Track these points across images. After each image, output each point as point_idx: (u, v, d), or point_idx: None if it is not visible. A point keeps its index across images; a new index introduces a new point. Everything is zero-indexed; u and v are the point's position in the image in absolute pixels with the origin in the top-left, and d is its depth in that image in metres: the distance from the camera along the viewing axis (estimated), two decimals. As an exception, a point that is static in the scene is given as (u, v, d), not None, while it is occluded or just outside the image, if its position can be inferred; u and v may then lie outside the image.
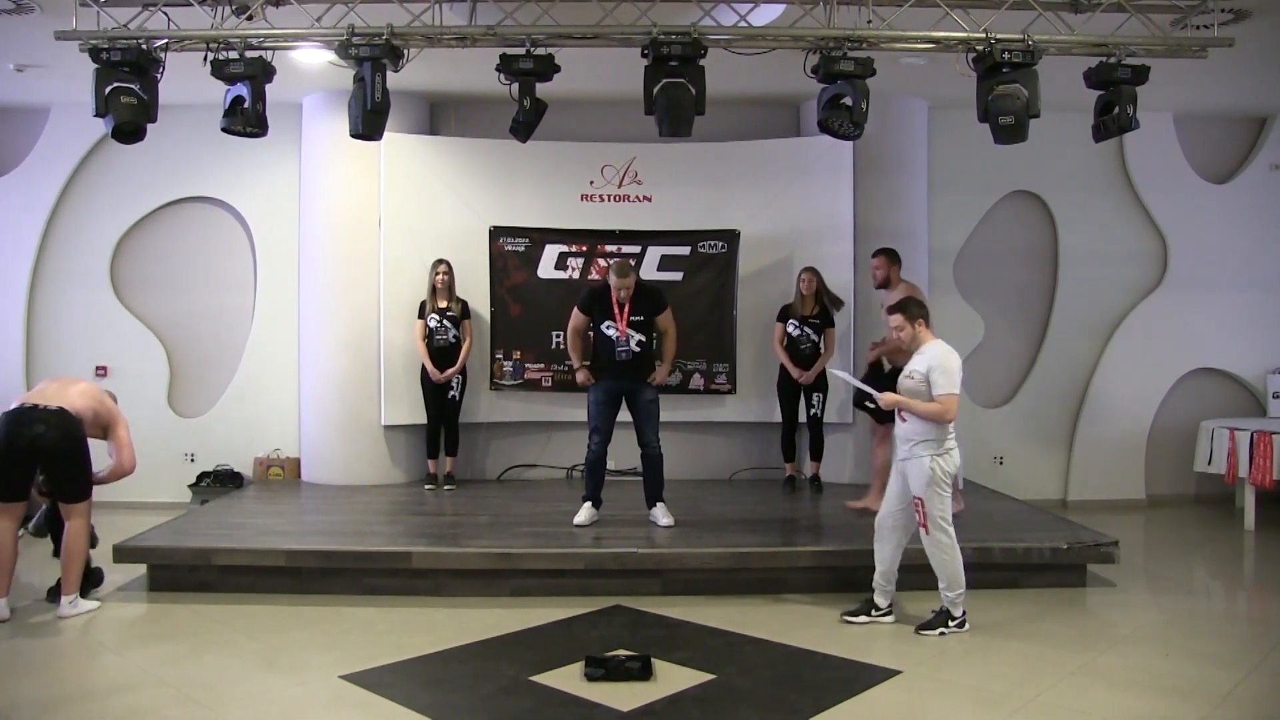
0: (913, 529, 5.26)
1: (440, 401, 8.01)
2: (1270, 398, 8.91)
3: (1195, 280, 8.96)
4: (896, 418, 5.29)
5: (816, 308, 7.90)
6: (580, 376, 6.72)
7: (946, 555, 5.13)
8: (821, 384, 7.96)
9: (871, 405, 5.98)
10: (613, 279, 6.60)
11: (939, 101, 8.43)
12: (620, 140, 8.37)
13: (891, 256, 7.25)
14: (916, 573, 5.37)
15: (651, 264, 8.29)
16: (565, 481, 8.50)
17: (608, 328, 6.58)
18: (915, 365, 5.20)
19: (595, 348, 6.68)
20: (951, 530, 5.15)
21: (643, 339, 6.59)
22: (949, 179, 8.75)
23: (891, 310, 5.39)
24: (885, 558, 5.34)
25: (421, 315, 7.98)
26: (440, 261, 7.95)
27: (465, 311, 8.02)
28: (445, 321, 7.92)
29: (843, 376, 6.03)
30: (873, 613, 5.36)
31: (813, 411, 7.97)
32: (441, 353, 7.92)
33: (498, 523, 6.81)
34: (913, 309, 5.32)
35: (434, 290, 7.95)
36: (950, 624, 5.16)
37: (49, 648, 5.17)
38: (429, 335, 7.93)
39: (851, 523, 6.99)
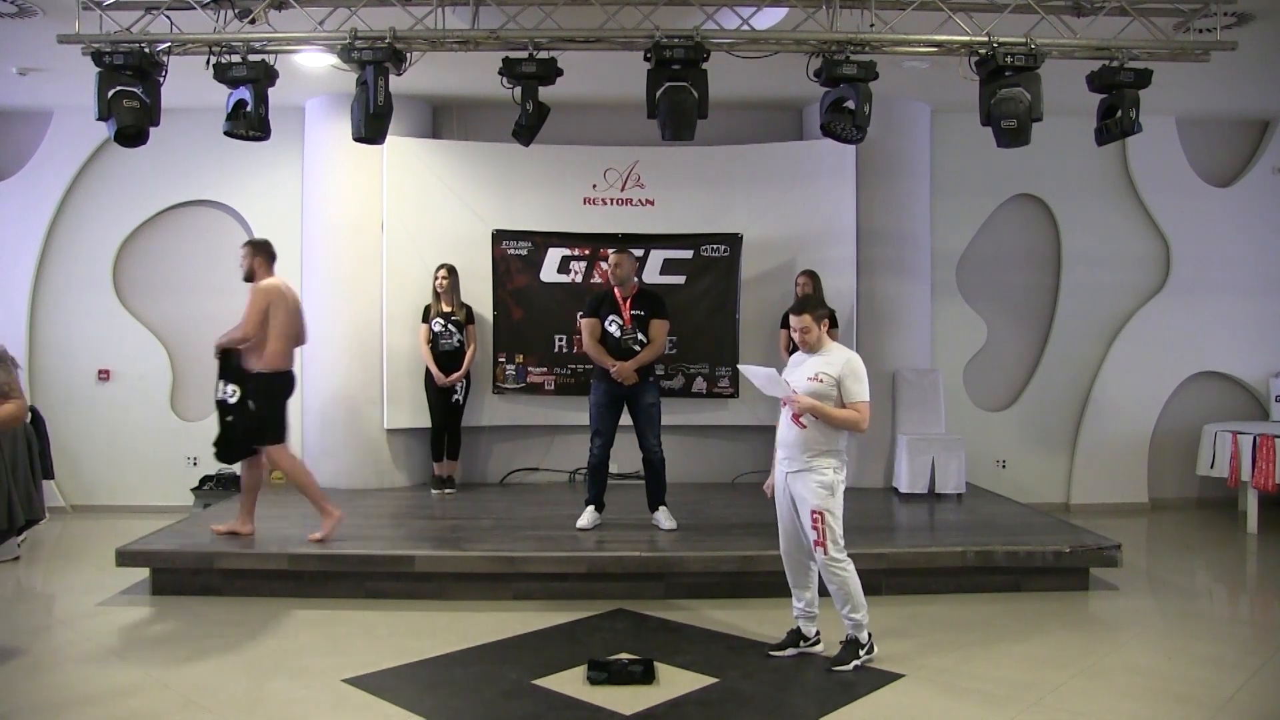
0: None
1: (445, 405, 8.01)
2: (1273, 401, 8.89)
3: (1198, 284, 8.96)
4: (786, 425, 4.85)
5: (818, 310, 7.89)
6: (615, 370, 6.56)
7: (846, 576, 4.72)
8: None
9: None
10: (610, 256, 6.76)
11: (942, 105, 8.44)
12: (623, 144, 8.37)
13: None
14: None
15: (654, 267, 8.30)
16: (568, 485, 8.49)
17: (611, 323, 6.61)
18: (820, 368, 4.77)
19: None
20: (844, 549, 4.75)
21: (644, 339, 6.59)
22: (952, 182, 8.75)
23: (798, 311, 4.91)
24: (802, 584, 4.95)
25: (426, 319, 7.99)
26: (441, 266, 7.96)
27: (470, 316, 8.03)
28: (450, 326, 7.92)
29: (749, 372, 5.08)
30: (801, 644, 4.96)
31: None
32: (447, 357, 7.92)
33: (500, 526, 6.80)
34: (820, 309, 4.92)
35: (437, 294, 7.96)
36: (861, 653, 4.77)
37: (52, 652, 5.17)
38: (433, 339, 7.93)
39: (854, 526, 6.98)
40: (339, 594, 5.88)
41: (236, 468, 8.53)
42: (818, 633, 4.99)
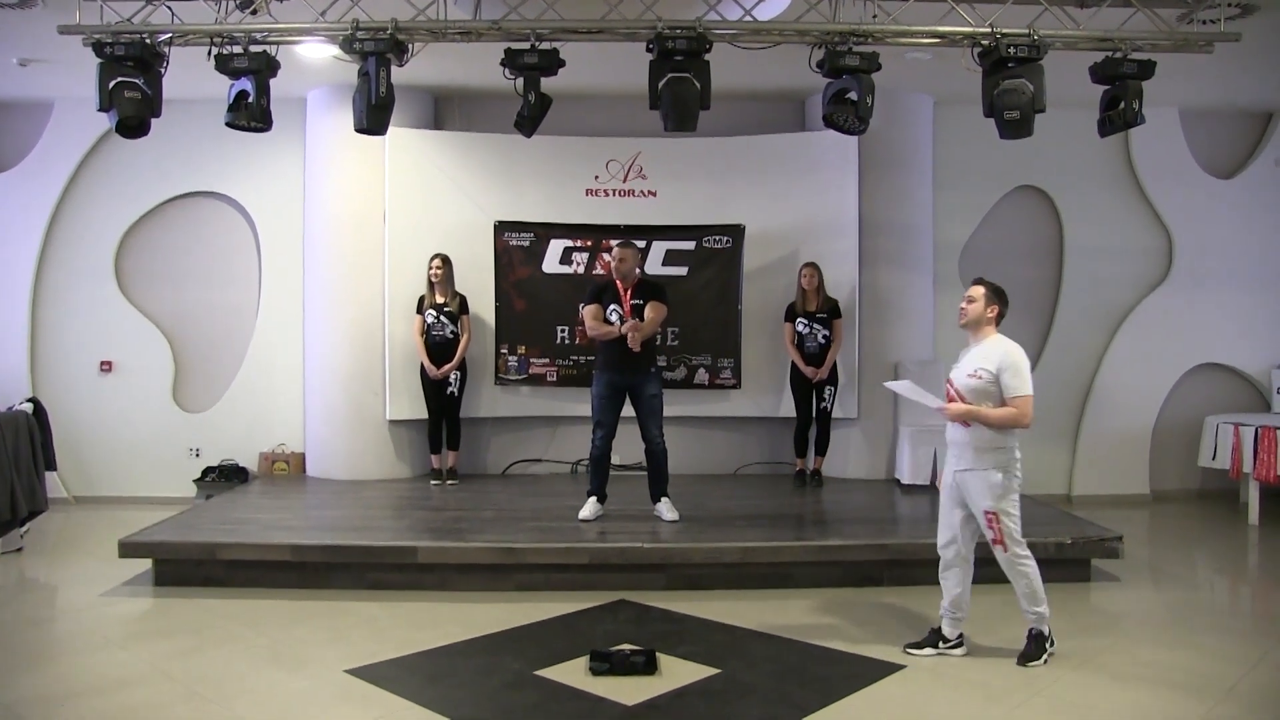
0: (973, 549, 4.80)
1: (440, 397, 8.01)
2: (1275, 393, 8.89)
3: (1201, 275, 8.95)
4: (952, 424, 4.73)
5: (821, 302, 7.90)
6: (628, 326, 6.48)
7: (1029, 570, 4.65)
8: (832, 377, 7.97)
9: None
10: (614, 249, 6.75)
11: (944, 96, 8.42)
12: (625, 135, 8.36)
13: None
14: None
15: (656, 259, 8.29)
16: (570, 476, 8.50)
17: (612, 312, 6.61)
18: (981, 363, 4.64)
19: (600, 341, 6.68)
20: (1025, 545, 4.69)
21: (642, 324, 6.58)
22: (954, 174, 8.74)
23: (977, 281, 4.84)
24: (950, 586, 4.81)
25: (419, 310, 7.99)
26: (435, 255, 7.95)
27: (464, 307, 8.01)
28: (442, 317, 7.91)
29: (898, 388, 5.15)
30: (940, 645, 4.82)
31: (823, 405, 7.98)
32: (439, 348, 7.92)
33: (502, 518, 6.81)
34: (999, 295, 4.79)
35: (431, 285, 7.95)
36: (1048, 645, 4.70)
37: (55, 643, 5.19)
38: (426, 330, 7.93)
39: (856, 517, 7.00)
40: (341, 585, 5.89)
41: (238, 458, 8.58)
42: (960, 636, 4.84)
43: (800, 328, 7.92)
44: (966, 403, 4.65)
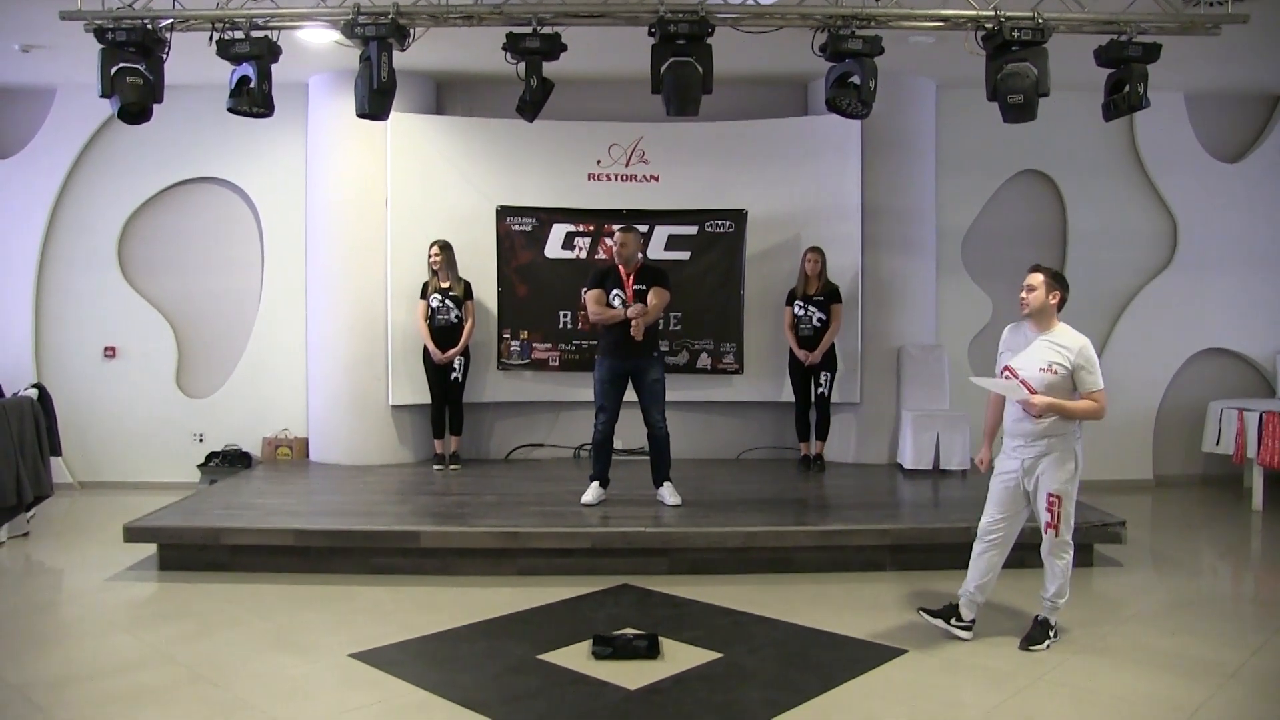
0: (1014, 540, 4.83)
1: (443, 383, 8.02)
2: (1279, 378, 8.88)
3: (1205, 260, 8.92)
4: (1018, 416, 4.72)
5: (820, 286, 7.90)
6: (632, 310, 6.50)
7: (1068, 560, 4.71)
8: (830, 363, 7.96)
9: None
10: (616, 233, 6.72)
11: (947, 80, 8.39)
12: (627, 120, 8.34)
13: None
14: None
15: (659, 243, 8.28)
16: (573, 461, 8.51)
17: (615, 297, 6.61)
18: (1053, 357, 4.64)
19: (603, 326, 6.68)
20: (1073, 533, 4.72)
21: (646, 309, 6.58)
22: (957, 158, 8.71)
23: (1035, 269, 4.84)
24: (981, 570, 4.82)
25: (424, 295, 7.99)
26: (434, 242, 7.94)
27: (468, 292, 8.01)
28: (447, 301, 7.92)
29: (984, 383, 5.00)
30: (952, 621, 4.85)
31: (821, 390, 7.97)
32: (443, 333, 7.93)
33: (505, 502, 6.83)
34: (1059, 281, 4.80)
35: (433, 271, 7.95)
36: (1051, 634, 4.76)
37: (61, 627, 5.22)
38: (430, 315, 7.93)
39: (859, 502, 7.00)
40: (345, 570, 5.91)
41: (241, 443, 8.60)
42: (973, 621, 4.85)
43: (796, 310, 7.92)
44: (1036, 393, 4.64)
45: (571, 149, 8.36)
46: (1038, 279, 4.77)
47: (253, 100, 5.80)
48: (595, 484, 6.68)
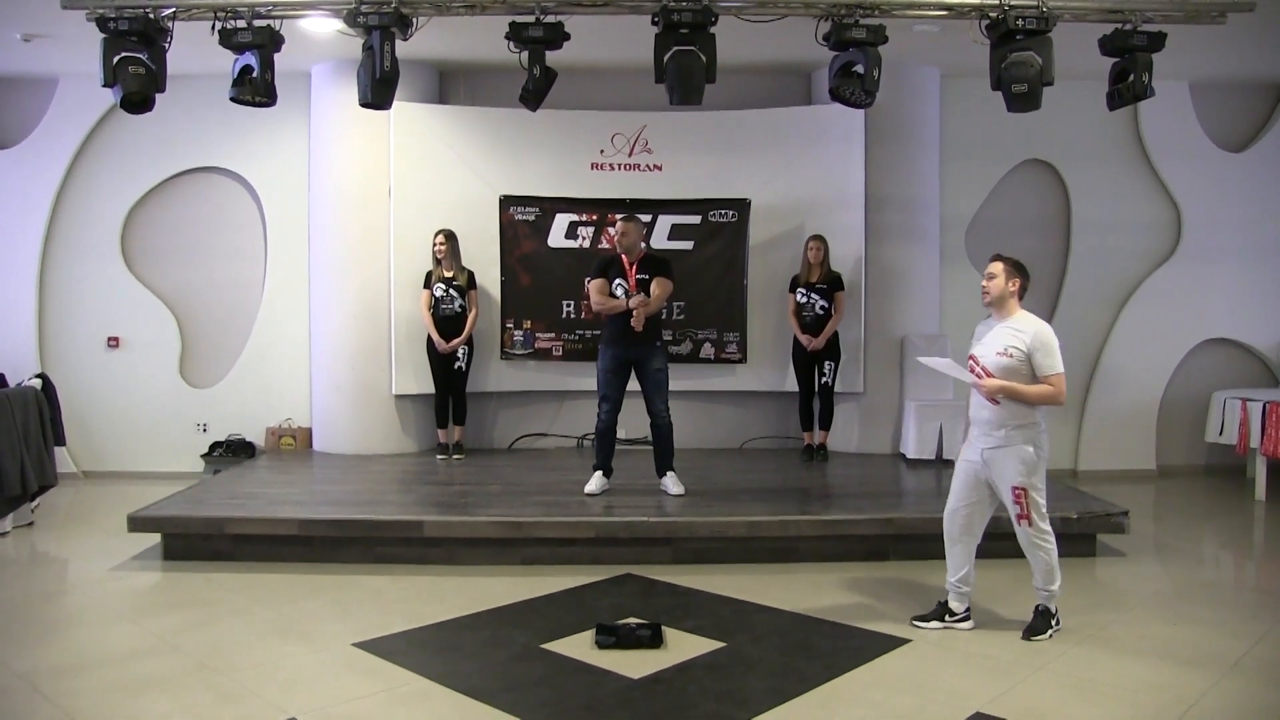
0: (983, 527, 4.83)
1: (447, 372, 8.02)
2: (1283, 368, 8.89)
3: (1209, 250, 8.90)
4: (979, 403, 4.72)
5: (823, 274, 7.89)
6: (634, 302, 6.49)
7: (1050, 548, 4.68)
8: (833, 352, 7.96)
9: None
10: (618, 223, 6.72)
11: (951, 69, 8.36)
12: (631, 109, 8.32)
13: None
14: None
15: (662, 233, 8.27)
16: (576, 450, 8.52)
17: (618, 287, 6.61)
18: (1010, 341, 4.62)
19: (605, 315, 6.68)
20: (1048, 521, 4.71)
21: (649, 299, 6.57)
22: (961, 148, 8.69)
23: (996, 257, 4.77)
24: (958, 561, 4.83)
25: (428, 285, 7.99)
26: (439, 231, 7.94)
27: (471, 281, 8.01)
28: (451, 290, 7.91)
29: (931, 363, 5.10)
30: (947, 618, 4.84)
31: (824, 379, 7.98)
32: (447, 322, 7.92)
33: (509, 492, 6.84)
34: (1018, 269, 4.72)
35: (437, 260, 7.95)
36: (1053, 623, 4.73)
37: (66, 615, 5.23)
38: (434, 304, 7.93)
39: (862, 491, 7.01)
40: (348, 559, 5.92)
41: (244, 433, 8.62)
42: (967, 610, 4.86)
43: (800, 297, 7.93)
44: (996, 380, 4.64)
45: (575, 138, 8.35)
46: (998, 267, 4.74)
47: (255, 90, 5.79)
48: (598, 473, 6.68)
